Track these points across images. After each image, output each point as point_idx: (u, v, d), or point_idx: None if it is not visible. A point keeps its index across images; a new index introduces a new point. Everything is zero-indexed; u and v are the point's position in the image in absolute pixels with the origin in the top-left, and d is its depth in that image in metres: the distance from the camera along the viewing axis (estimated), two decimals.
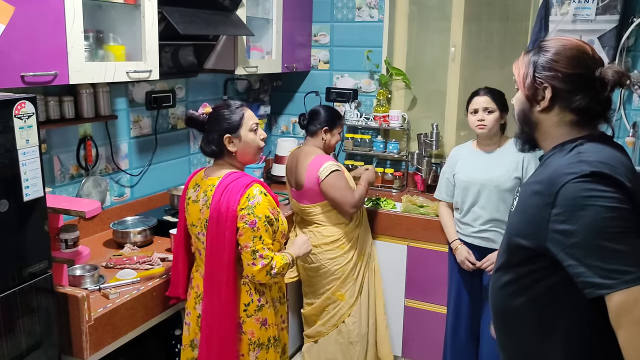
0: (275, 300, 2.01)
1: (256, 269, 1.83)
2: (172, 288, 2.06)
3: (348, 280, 2.66)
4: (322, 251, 2.63)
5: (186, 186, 2.02)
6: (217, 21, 2.59)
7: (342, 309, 2.68)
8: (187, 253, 2.05)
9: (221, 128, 1.90)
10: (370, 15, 3.40)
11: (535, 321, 1.26)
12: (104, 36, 2.22)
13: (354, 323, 2.70)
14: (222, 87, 3.33)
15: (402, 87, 3.46)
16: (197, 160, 3.18)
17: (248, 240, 1.82)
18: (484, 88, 2.52)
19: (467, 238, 2.55)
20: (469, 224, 2.53)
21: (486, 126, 2.45)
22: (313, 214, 2.65)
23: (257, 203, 1.82)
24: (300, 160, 2.63)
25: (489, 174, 2.45)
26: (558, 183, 1.15)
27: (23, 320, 1.60)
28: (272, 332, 1.96)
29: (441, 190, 2.70)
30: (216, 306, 1.84)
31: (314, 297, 2.73)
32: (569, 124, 1.27)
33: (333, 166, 2.54)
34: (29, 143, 1.56)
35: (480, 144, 2.58)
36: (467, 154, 2.60)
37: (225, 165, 1.95)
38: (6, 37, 1.70)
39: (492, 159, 2.50)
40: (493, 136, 2.51)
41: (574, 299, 1.17)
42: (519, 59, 1.35)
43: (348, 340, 2.71)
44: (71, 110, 2.30)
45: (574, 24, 2.78)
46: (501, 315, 1.36)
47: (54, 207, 1.81)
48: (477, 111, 2.47)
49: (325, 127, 2.65)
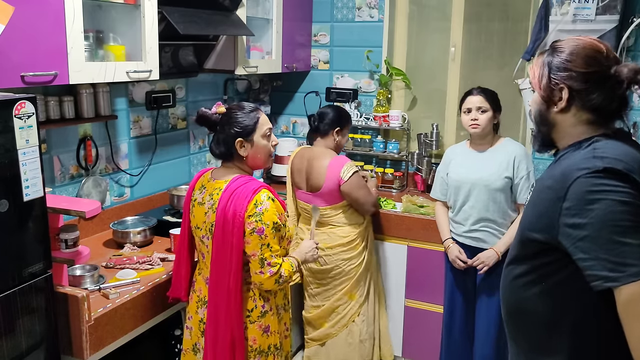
0: (280, 307, 1.97)
1: (265, 277, 1.80)
2: (173, 289, 2.04)
3: (360, 279, 2.66)
4: (337, 252, 2.61)
5: (192, 187, 1.97)
6: (217, 21, 2.59)
7: (353, 308, 2.67)
8: (190, 255, 2.02)
9: (234, 131, 1.84)
10: (370, 15, 3.40)
11: (546, 314, 1.27)
12: (104, 36, 2.22)
13: (363, 321, 2.70)
14: (222, 87, 3.34)
15: (402, 87, 3.47)
16: (197, 160, 3.19)
17: (256, 249, 1.78)
18: (477, 88, 2.53)
19: (459, 237, 2.57)
20: (461, 223, 2.56)
21: (479, 125, 2.46)
22: (328, 216, 2.62)
23: (265, 209, 1.77)
24: (313, 161, 2.60)
25: (479, 173, 2.47)
26: (570, 178, 1.17)
27: (23, 320, 1.60)
28: (274, 340, 1.92)
29: (436, 189, 2.72)
30: (222, 313, 1.80)
31: (322, 300, 2.70)
32: (586, 123, 1.28)
33: (353, 167, 2.55)
34: (29, 143, 1.56)
35: (473, 143, 2.59)
36: (460, 153, 2.62)
37: (233, 168, 1.90)
38: (6, 37, 1.70)
39: (483, 158, 2.52)
40: (486, 136, 2.52)
41: (585, 292, 1.18)
42: (534, 61, 1.36)
43: (359, 339, 2.70)
44: (71, 110, 2.30)
45: (574, 24, 2.78)
46: (513, 309, 1.37)
47: (54, 207, 1.81)
48: (471, 110, 2.48)
49: (337, 128, 2.63)
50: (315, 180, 2.58)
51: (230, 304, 1.79)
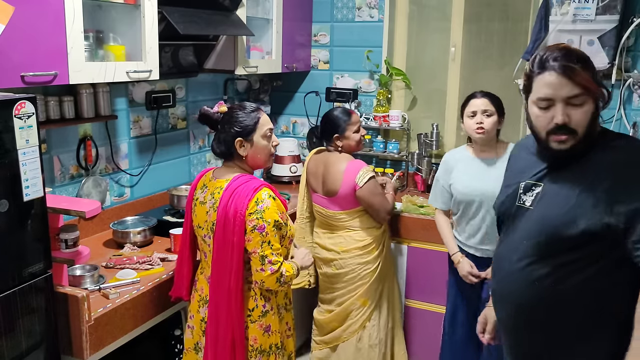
0: (281, 307, 1.96)
1: (265, 274, 1.79)
2: (175, 289, 2.04)
3: (373, 284, 2.63)
4: (353, 256, 2.59)
5: (194, 186, 1.98)
6: (217, 21, 2.59)
7: (365, 314, 2.65)
8: (192, 254, 2.02)
9: (234, 130, 1.85)
10: (370, 15, 3.40)
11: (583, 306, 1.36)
12: (104, 36, 2.22)
13: (374, 327, 2.67)
14: (222, 87, 3.34)
15: (402, 87, 3.47)
16: (197, 160, 3.19)
17: (257, 246, 1.79)
18: (480, 91, 2.41)
19: (468, 249, 2.44)
20: (470, 235, 2.42)
21: (485, 129, 2.33)
22: (344, 220, 2.61)
23: (266, 207, 1.78)
24: (330, 166, 2.58)
25: (489, 186, 2.24)
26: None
27: (23, 320, 1.60)
28: (275, 340, 1.91)
29: (436, 198, 2.56)
30: (223, 312, 1.80)
31: (336, 305, 2.68)
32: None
33: (369, 172, 2.51)
34: (29, 143, 1.56)
35: (477, 150, 2.43)
36: (462, 160, 2.46)
37: (234, 167, 1.91)
38: (6, 37, 1.70)
39: (492, 168, 2.36)
40: (490, 141, 2.39)
41: (621, 280, 1.28)
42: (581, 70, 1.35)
43: (368, 344, 2.67)
44: (71, 110, 2.30)
45: (574, 24, 2.78)
46: (541, 306, 1.41)
47: (54, 207, 1.81)
48: (475, 114, 2.35)
49: (335, 135, 2.59)
50: (331, 185, 2.56)
51: (230, 303, 1.79)
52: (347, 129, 2.58)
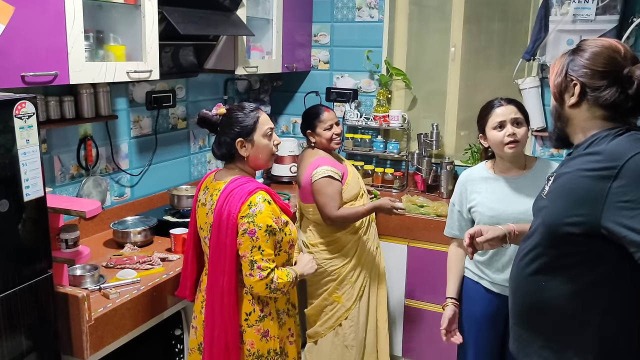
0: (282, 312, 1.94)
1: (254, 280, 1.77)
2: (180, 289, 2.05)
3: (345, 282, 2.64)
4: (318, 250, 2.63)
5: (199, 188, 1.98)
6: (217, 21, 2.59)
7: (339, 311, 2.67)
8: (196, 255, 2.01)
9: (233, 131, 1.83)
10: (370, 15, 3.40)
11: (572, 306, 1.32)
12: (104, 36, 2.22)
13: (351, 327, 2.68)
14: (222, 87, 3.34)
15: (402, 87, 3.47)
16: (197, 160, 3.19)
17: (247, 250, 1.76)
18: (500, 98, 2.04)
19: (494, 287, 2.05)
20: (498, 269, 2.03)
21: (519, 142, 1.96)
22: (311, 213, 2.65)
23: (259, 211, 1.76)
24: (301, 160, 2.67)
25: (521, 207, 1.91)
26: (623, 157, 1.21)
27: (23, 320, 1.60)
28: (273, 345, 1.88)
29: (453, 225, 2.17)
30: (217, 314, 1.80)
31: (313, 297, 2.73)
32: (601, 118, 1.34)
33: (328, 171, 2.52)
34: (29, 143, 1.56)
35: (502, 167, 2.05)
36: (482, 180, 2.07)
37: (235, 169, 1.90)
38: (6, 37, 1.70)
39: (521, 186, 1.99)
40: (520, 155, 2.03)
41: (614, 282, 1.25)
42: (556, 59, 1.44)
43: (343, 344, 2.69)
44: (71, 110, 2.30)
45: (574, 24, 2.78)
46: (534, 303, 1.39)
47: (54, 207, 1.81)
48: (504, 125, 1.96)
49: (307, 131, 2.65)
50: (299, 177, 2.65)
51: (224, 305, 1.79)
52: (317, 125, 2.62)
